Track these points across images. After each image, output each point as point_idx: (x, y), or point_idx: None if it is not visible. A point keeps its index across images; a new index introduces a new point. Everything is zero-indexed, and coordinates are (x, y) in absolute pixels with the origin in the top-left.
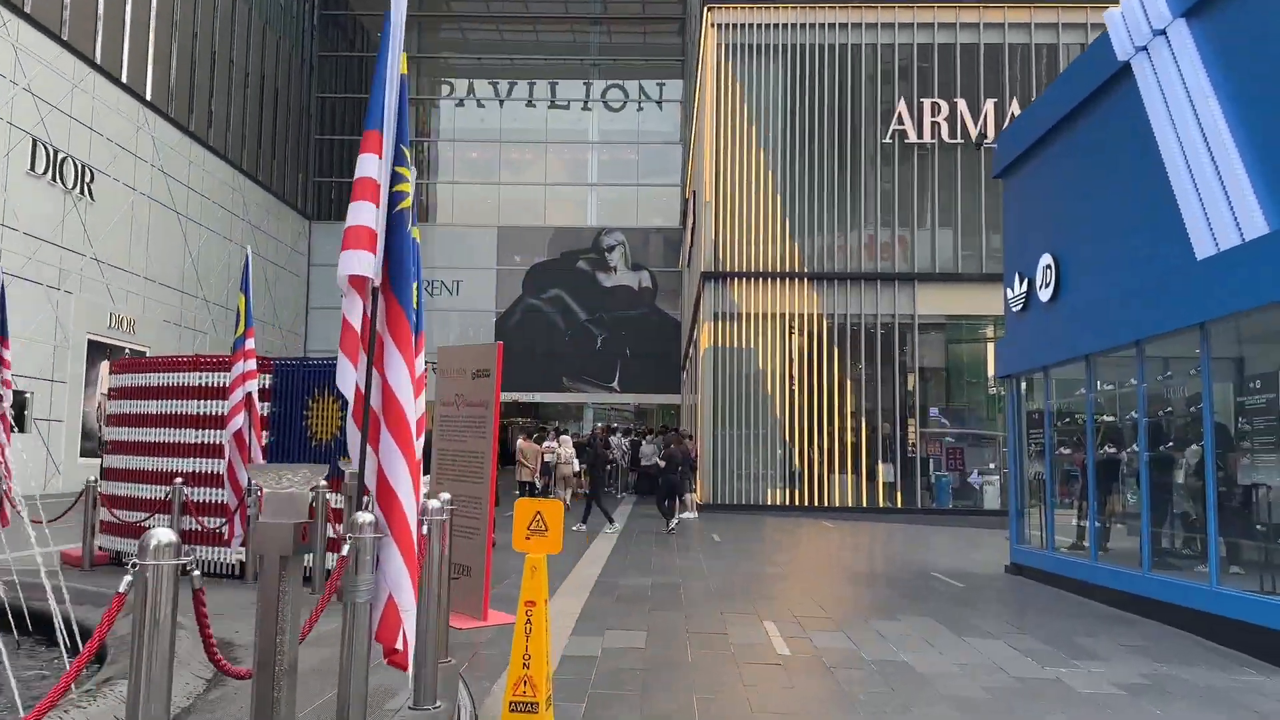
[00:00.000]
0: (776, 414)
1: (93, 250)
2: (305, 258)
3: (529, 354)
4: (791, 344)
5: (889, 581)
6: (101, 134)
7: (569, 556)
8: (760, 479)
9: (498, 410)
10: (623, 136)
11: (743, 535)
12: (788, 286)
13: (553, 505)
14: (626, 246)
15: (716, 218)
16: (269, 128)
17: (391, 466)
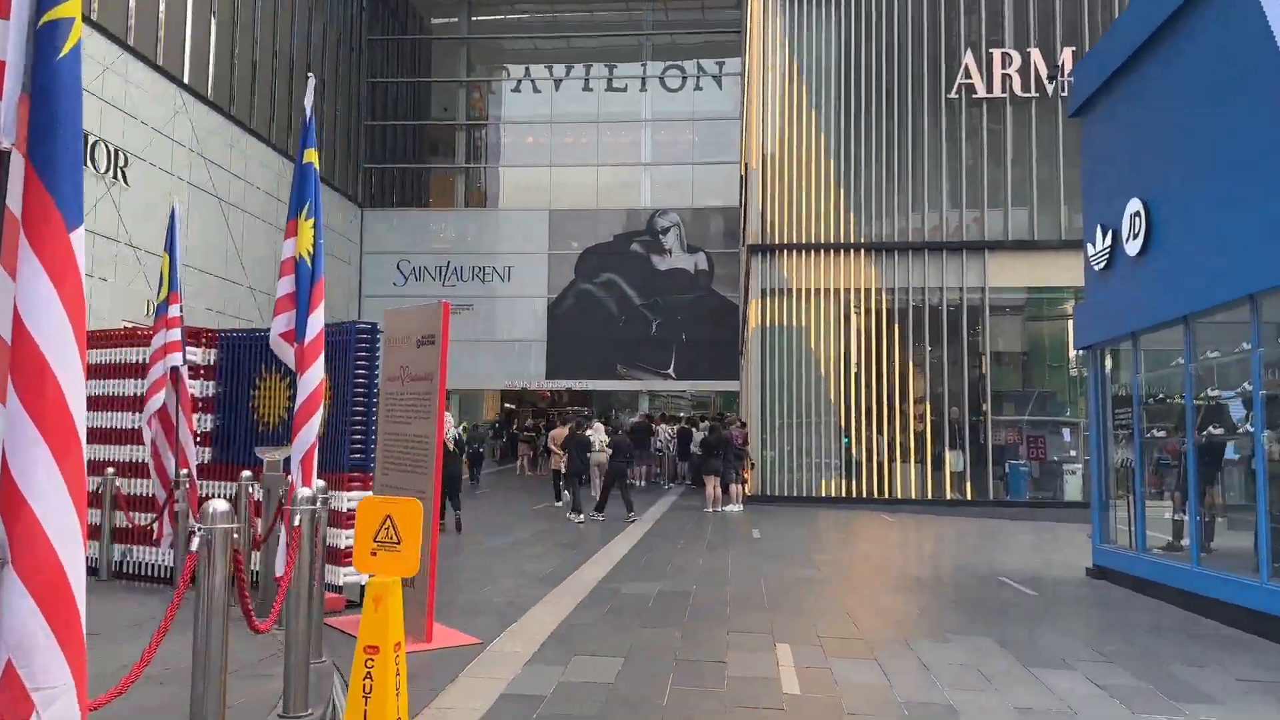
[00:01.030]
0: (832, 398)
1: (128, 236)
2: (357, 245)
3: (582, 340)
4: (849, 321)
5: (947, 588)
6: (135, 117)
7: (579, 553)
8: (815, 469)
9: (444, 384)
10: (678, 115)
11: (788, 531)
12: (843, 259)
13: (408, 507)
14: (682, 228)
15: (764, 185)
16: (317, 113)
17: (20, 448)
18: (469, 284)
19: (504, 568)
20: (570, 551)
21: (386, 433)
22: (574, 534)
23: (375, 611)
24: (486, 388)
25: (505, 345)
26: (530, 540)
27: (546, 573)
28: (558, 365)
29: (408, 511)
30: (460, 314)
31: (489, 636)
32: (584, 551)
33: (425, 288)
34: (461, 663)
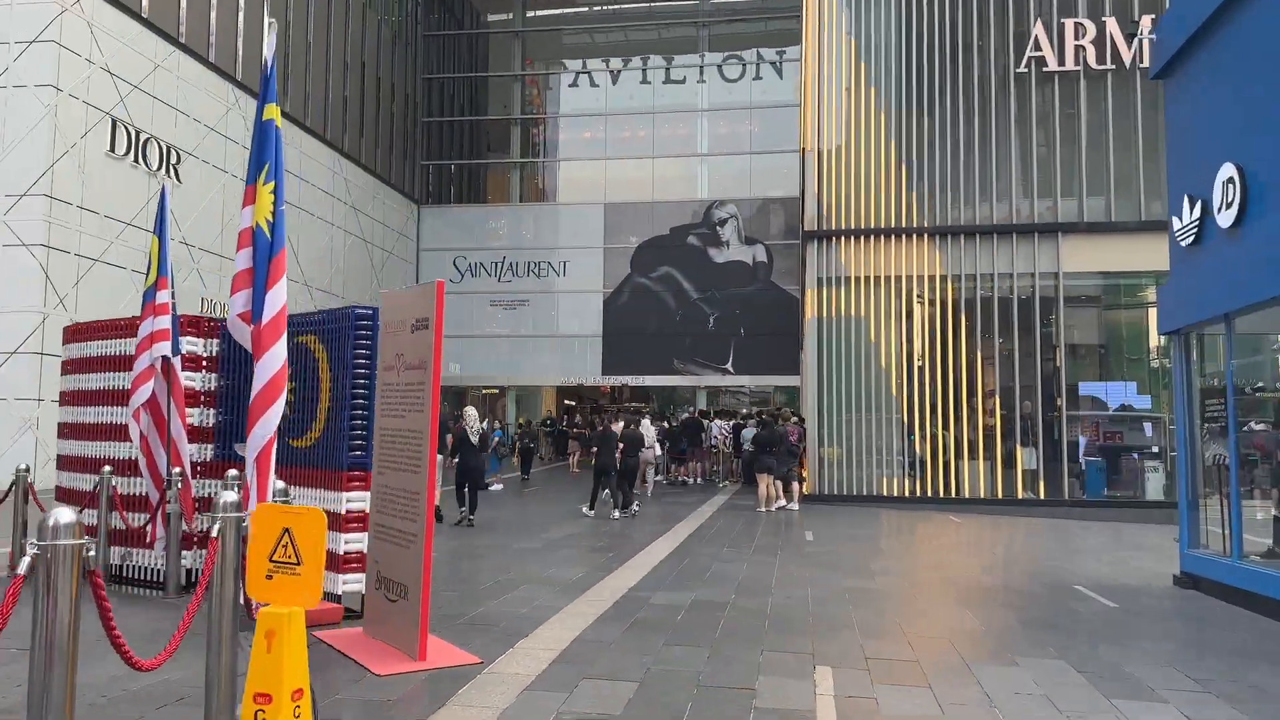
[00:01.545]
0: (894, 391)
1: (181, 234)
2: (414, 242)
3: (638, 335)
4: (911, 311)
5: (1017, 600)
6: (188, 114)
7: (614, 557)
8: (876, 466)
9: (438, 373)
10: (737, 105)
11: (844, 533)
12: (904, 244)
13: (310, 520)
14: (739, 219)
15: (820, 169)
16: (371, 110)
17: None
18: (525, 279)
19: (528, 573)
20: (604, 555)
21: (382, 428)
22: (612, 536)
23: (267, 652)
24: (543, 384)
25: (561, 341)
26: (564, 542)
27: (573, 579)
28: (614, 361)
29: (310, 526)
30: (516, 310)
31: (492, 655)
32: (619, 555)
33: (481, 283)
34: (454, 686)
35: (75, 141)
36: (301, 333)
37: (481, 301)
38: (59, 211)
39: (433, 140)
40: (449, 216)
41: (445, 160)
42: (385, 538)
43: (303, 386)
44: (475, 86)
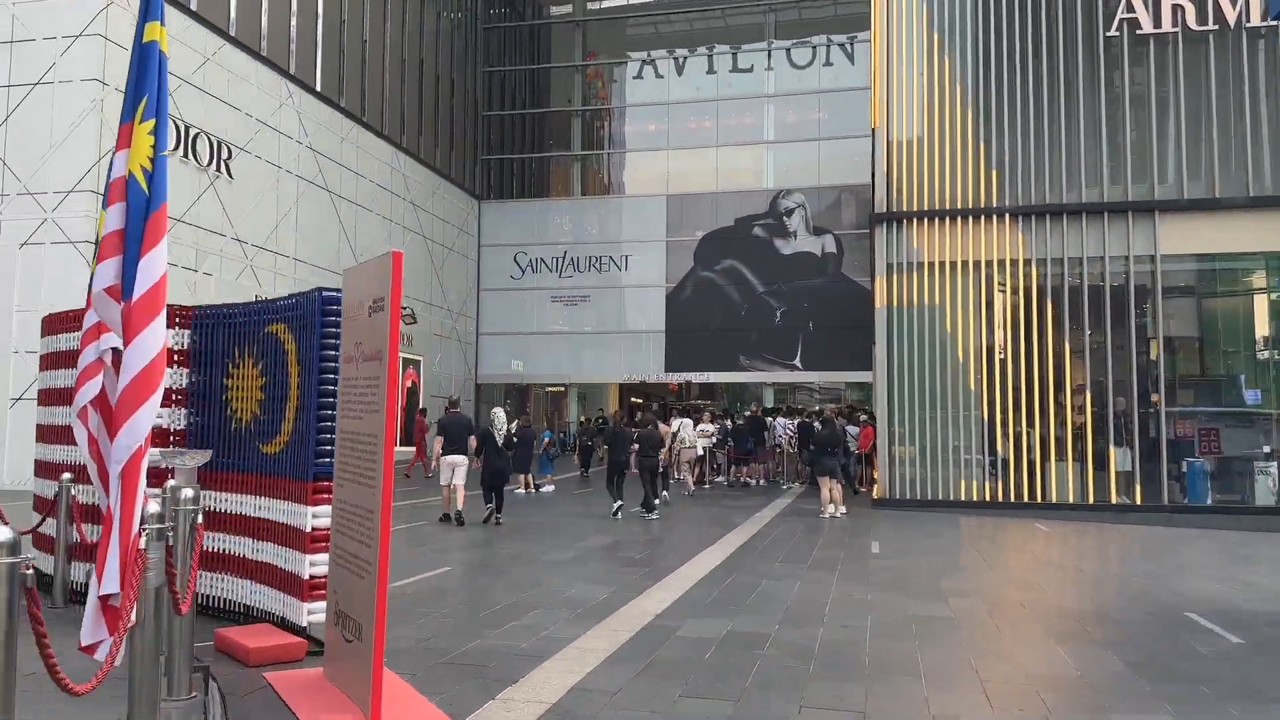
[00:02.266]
0: (972, 386)
1: (233, 230)
2: (474, 238)
3: (702, 331)
4: (991, 298)
5: (1119, 633)
6: (239, 109)
7: (648, 573)
8: (952, 468)
9: (394, 364)
10: (805, 91)
11: (915, 544)
12: (983, 226)
13: None
14: (807, 209)
15: (889, 145)
16: (430, 104)
17: None
18: (586, 274)
19: (547, 592)
20: (639, 571)
21: (341, 431)
22: (654, 545)
23: None
24: (605, 381)
25: (623, 337)
26: (598, 553)
27: (596, 601)
28: (677, 357)
29: None
30: (577, 306)
31: (467, 708)
32: (656, 569)
33: (542, 279)
34: None
35: None
36: (270, 321)
37: (542, 298)
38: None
39: (493, 134)
40: (509, 211)
41: (506, 155)
42: (343, 563)
43: (273, 384)
44: (536, 79)
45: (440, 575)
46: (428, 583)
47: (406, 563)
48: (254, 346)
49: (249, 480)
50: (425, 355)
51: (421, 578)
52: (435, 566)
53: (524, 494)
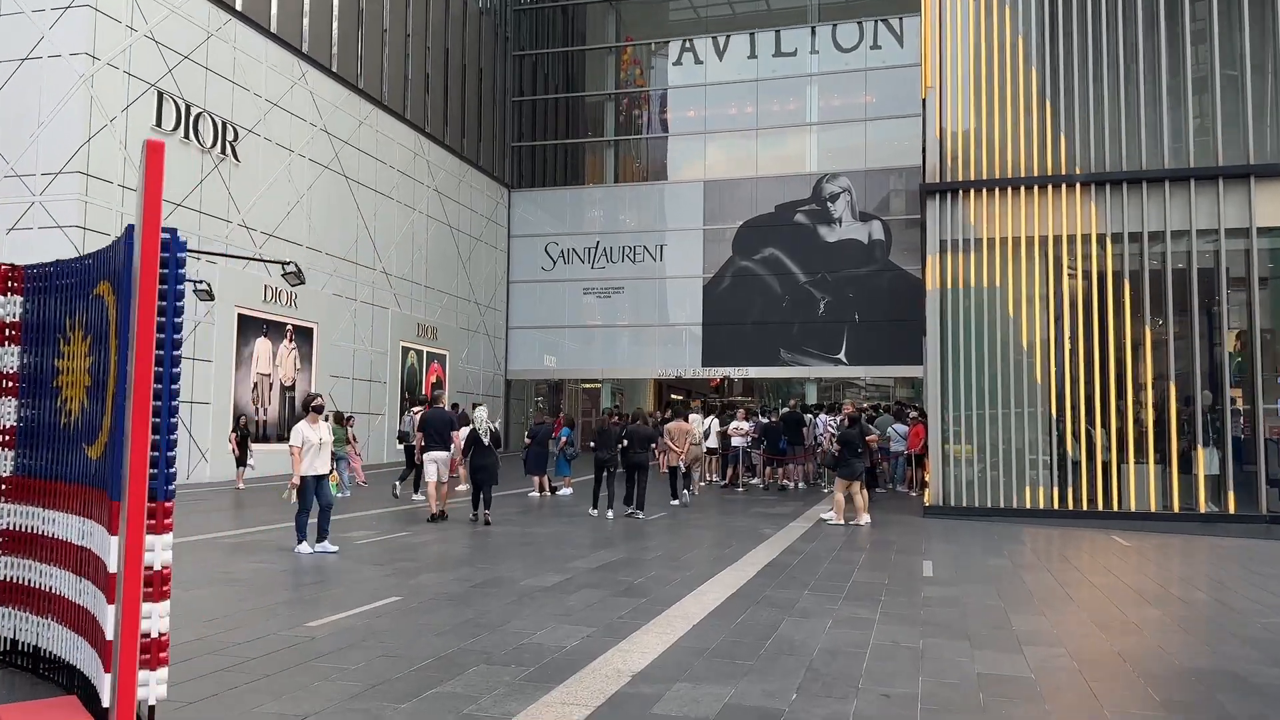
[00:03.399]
0: (1039, 378)
1: (240, 216)
2: (504, 228)
3: (741, 323)
4: (1060, 278)
5: (1253, 707)
6: (247, 89)
7: (642, 608)
8: (1014, 472)
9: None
10: (851, 66)
11: (975, 565)
12: (1049, 197)
13: None
14: (853, 193)
15: (942, 107)
16: (456, 88)
17: None
18: (619, 265)
19: (503, 637)
20: (631, 603)
21: None
22: (659, 565)
23: None
24: (639, 376)
25: (658, 330)
26: (590, 576)
27: (561, 652)
28: (715, 351)
29: None
30: (610, 298)
31: None
32: (653, 602)
33: (574, 270)
34: None
35: (115, 115)
36: (98, 280)
37: (574, 290)
38: (97, 190)
39: (524, 121)
40: (540, 200)
41: (537, 142)
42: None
43: (97, 365)
44: (570, 63)
45: (380, 609)
46: (357, 621)
47: (350, 588)
48: (84, 314)
49: (73, 494)
50: (451, 349)
51: (354, 613)
52: (382, 595)
53: (539, 498)
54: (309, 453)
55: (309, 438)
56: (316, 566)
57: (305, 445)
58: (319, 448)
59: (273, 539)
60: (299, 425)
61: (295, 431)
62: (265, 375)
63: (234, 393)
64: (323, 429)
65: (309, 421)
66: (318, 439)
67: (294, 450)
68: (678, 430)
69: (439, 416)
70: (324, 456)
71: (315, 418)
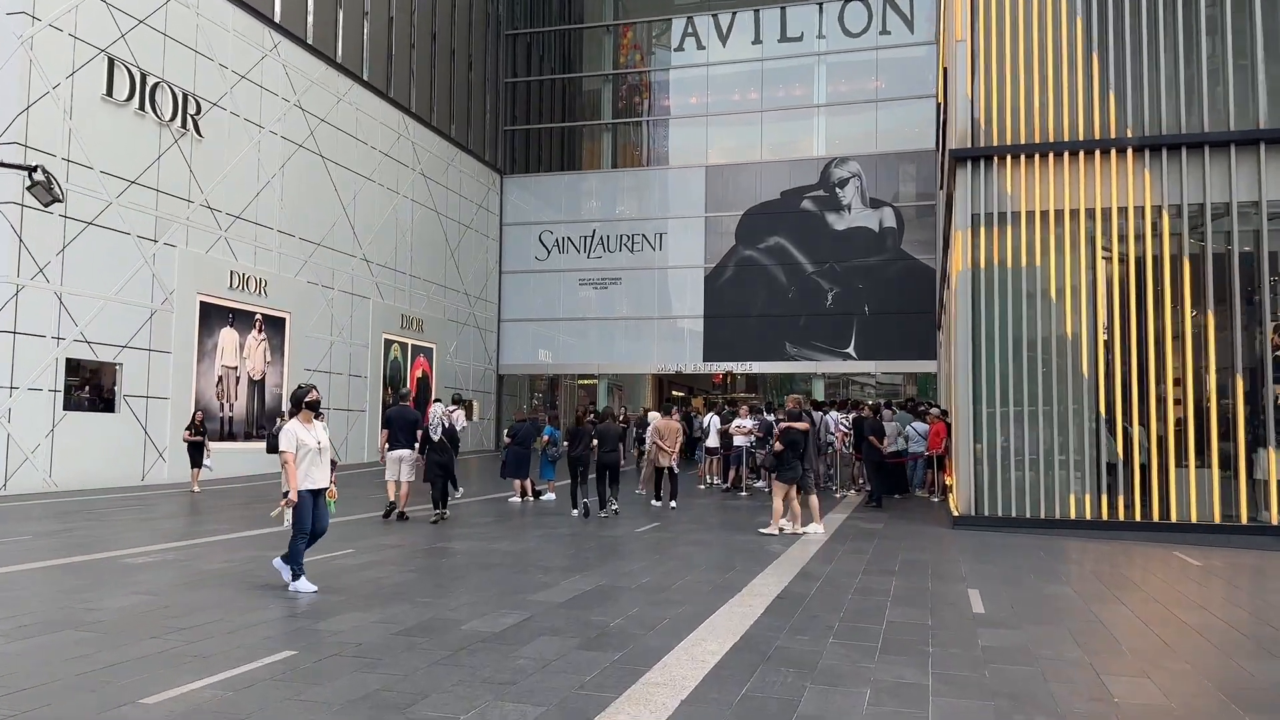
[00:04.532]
0: (1084, 370)
1: (204, 196)
2: (496, 216)
3: (744, 316)
4: (1110, 255)
5: None
6: (211, 58)
7: (619, 659)
8: (1056, 477)
9: None
10: (861, 45)
11: (1032, 595)
12: (1096, 165)
13: None
14: (862, 179)
15: (974, 61)
16: (444, 67)
17: None
18: (616, 255)
19: None
20: (600, 661)
21: None
22: (643, 600)
23: None
24: (637, 372)
25: (657, 324)
26: (554, 616)
27: None
28: (717, 345)
29: None
30: (607, 289)
31: None
32: (632, 658)
33: (570, 260)
34: None
35: (59, 81)
36: None
37: (569, 281)
38: (37, 163)
39: (517, 103)
40: (534, 186)
41: (530, 125)
42: None
43: None
44: (566, 43)
45: (257, 674)
46: (216, 693)
47: (237, 636)
48: None
49: None
50: (439, 343)
51: (218, 680)
52: (273, 648)
53: (519, 503)
54: (304, 460)
55: (304, 440)
56: (205, 604)
57: (300, 450)
58: (318, 453)
59: (189, 558)
60: (289, 426)
61: (285, 433)
62: (231, 368)
63: (195, 387)
64: (319, 430)
65: (301, 421)
66: (315, 442)
67: (286, 458)
68: (667, 428)
69: (404, 415)
70: (323, 464)
71: (309, 416)
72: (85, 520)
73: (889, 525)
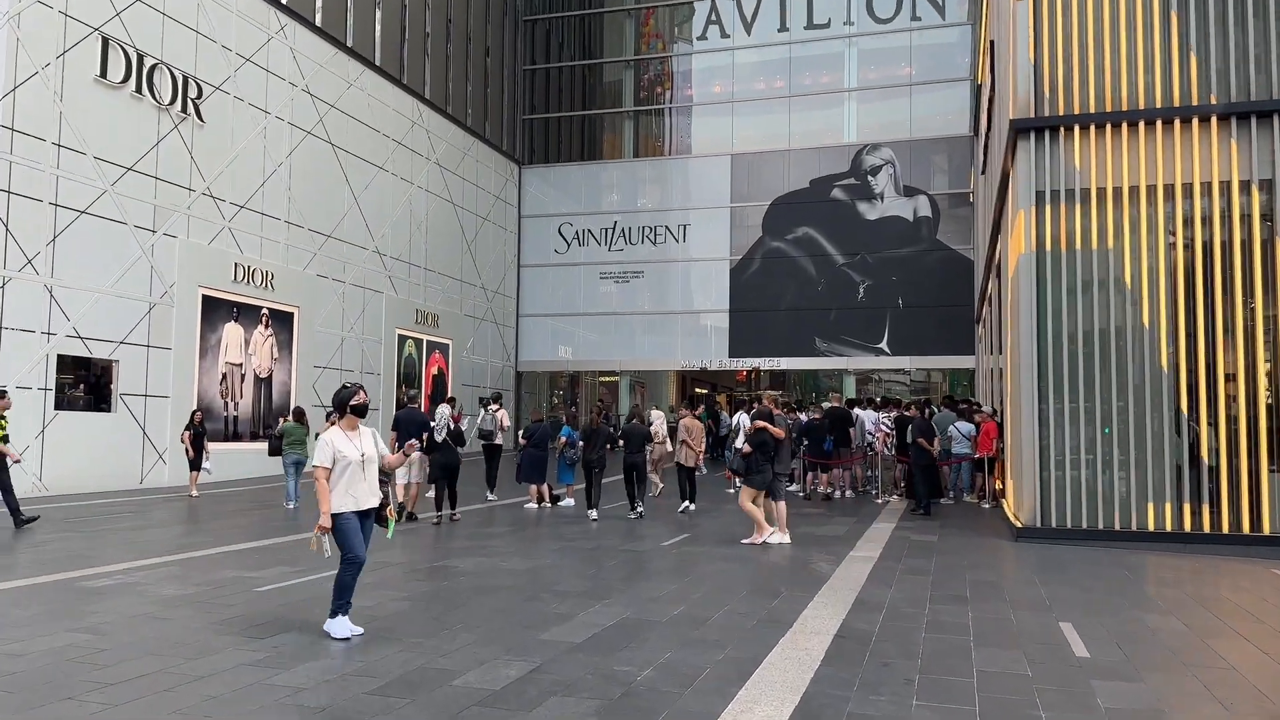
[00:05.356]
0: (1163, 365)
1: (206, 184)
2: (514, 208)
3: (772, 310)
4: (1193, 241)
5: None
6: (213, 40)
7: None
8: (1129, 483)
9: None
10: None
11: (1138, 632)
12: (1177, 135)
13: None
14: (896, 166)
15: (1035, 21)
16: (459, 53)
17: None
18: (638, 247)
19: None
20: None
21: None
22: (675, 638)
23: None
24: (659, 368)
25: (680, 319)
26: (566, 665)
27: None
28: (743, 341)
29: None
30: (629, 283)
31: None
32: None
33: (590, 253)
34: None
35: (48, 61)
36: None
37: (590, 274)
38: (25, 148)
39: (535, 92)
40: (553, 177)
41: (550, 114)
42: None
43: None
44: (586, 29)
45: None
46: None
47: (171, 702)
48: None
49: None
50: (455, 338)
51: None
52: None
53: (536, 509)
54: (344, 475)
55: (344, 452)
56: (148, 647)
57: (339, 464)
58: (361, 466)
59: (158, 579)
60: (327, 435)
61: (322, 444)
62: (236, 365)
63: (198, 385)
64: (365, 438)
65: (344, 427)
66: (357, 454)
67: (320, 474)
68: (695, 428)
69: (411, 418)
70: (369, 480)
71: (354, 422)
72: (64, 530)
73: (943, 538)
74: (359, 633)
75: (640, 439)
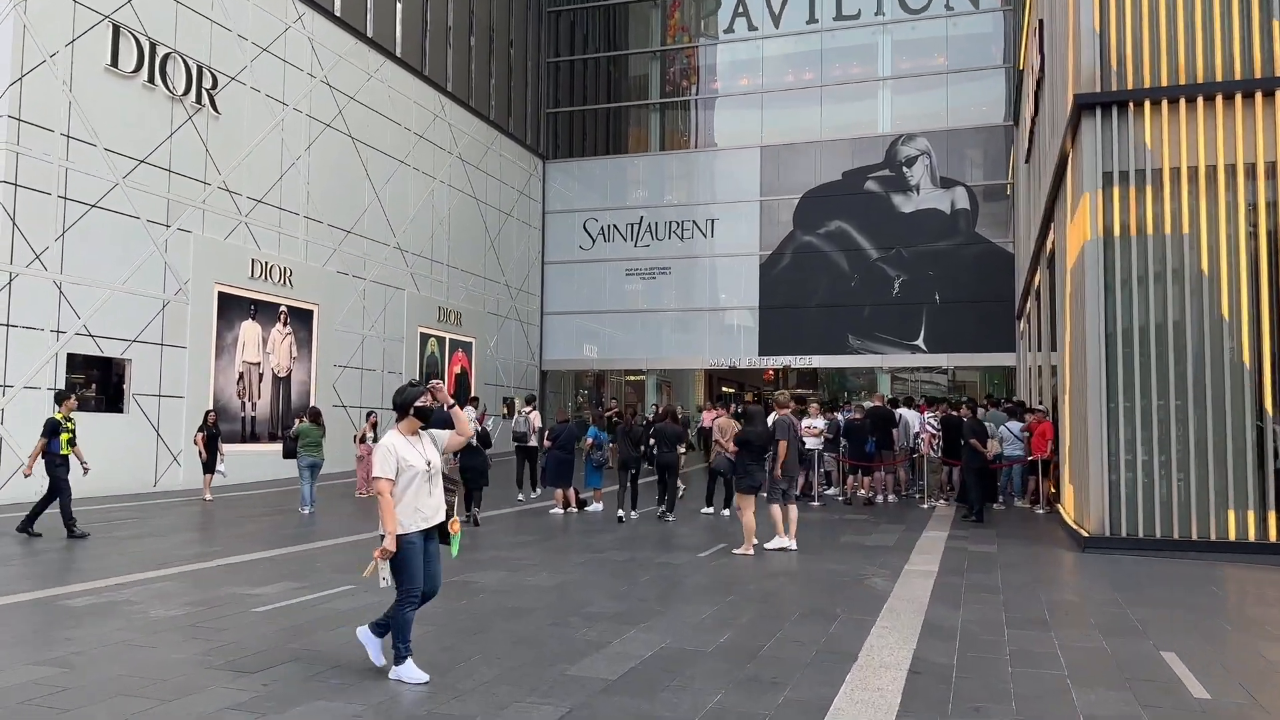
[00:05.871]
0: (1246, 361)
1: (221, 178)
2: (538, 203)
3: (803, 306)
4: (1275, 225)
5: None
6: (229, 29)
7: None
8: (1210, 489)
9: None
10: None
11: (1250, 660)
12: (1260, 109)
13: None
14: (932, 157)
15: None
16: (483, 45)
17: None
18: (665, 243)
19: None
20: None
21: None
22: (718, 685)
23: None
24: (687, 367)
25: (708, 316)
26: (602, 709)
27: None
28: (773, 338)
29: None
30: (655, 279)
31: None
32: None
33: (616, 249)
34: None
35: (57, 50)
36: None
37: (616, 271)
38: (33, 139)
39: (560, 85)
40: (578, 171)
41: (574, 107)
42: None
43: None
44: (611, 21)
45: None
46: None
47: None
48: None
49: None
50: (478, 336)
51: None
52: None
53: (562, 514)
54: (410, 487)
55: (408, 460)
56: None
57: (403, 475)
58: (427, 477)
59: (150, 597)
60: (387, 440)
61: (382, 451)
62: (254, 364)
63: (213, 384)
64: (428, 443)
65: (405, 431)
66: (423, 463)
67: (384, 487)
68: (730, 428)
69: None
70: (435, 493)
71: (415, 425)
72: (64, 538)
73: (1003, 548)
74: (382, 664)
75: (673, 439)
